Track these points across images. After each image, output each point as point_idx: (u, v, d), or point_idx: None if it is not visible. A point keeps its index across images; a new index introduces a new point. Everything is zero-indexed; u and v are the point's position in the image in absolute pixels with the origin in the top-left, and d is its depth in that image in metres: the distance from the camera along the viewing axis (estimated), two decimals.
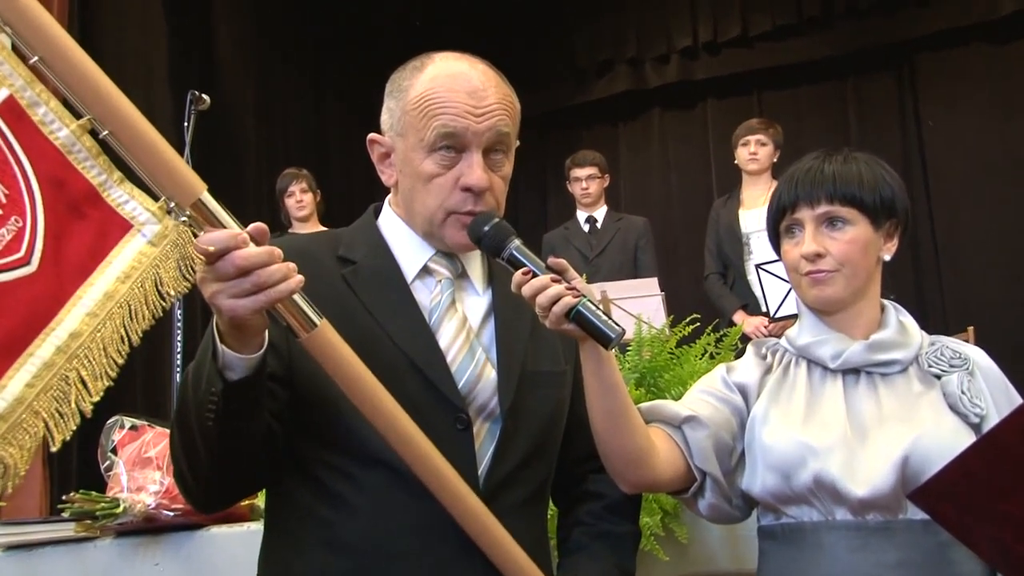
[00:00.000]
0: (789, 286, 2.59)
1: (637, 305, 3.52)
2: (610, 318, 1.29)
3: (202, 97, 4.00)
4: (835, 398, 1.50)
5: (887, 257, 1.56)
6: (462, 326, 1.41)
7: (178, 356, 3.82)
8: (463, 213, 1.38)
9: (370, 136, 1.47)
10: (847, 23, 6.77)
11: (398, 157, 1.43)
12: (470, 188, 1.37)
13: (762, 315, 4.19)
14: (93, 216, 1.20)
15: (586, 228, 5.15)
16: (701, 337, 2.28)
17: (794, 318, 1.67)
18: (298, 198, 4.99)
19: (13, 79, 1.18)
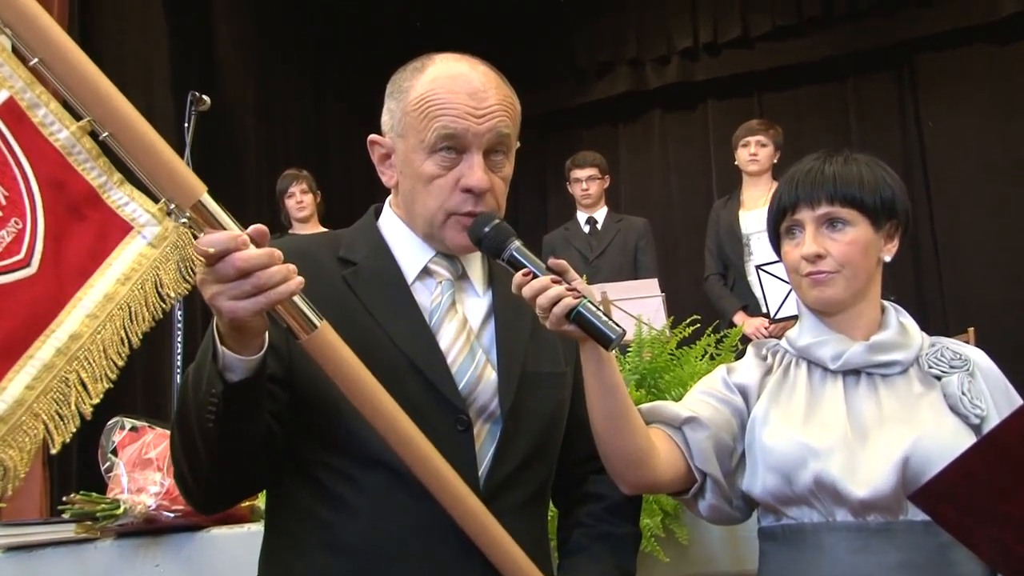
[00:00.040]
0: (789, 287, 2.59)
1: (637, 306, 3.52)
2: (610, 319, 1.29)
3: (202, 98, 3.99)
4: (835, 399, 1.50)
5: (887, 258, 1.56)
6: (462, 327, 1.41)
7: (178, 357, 3.82)
8: (463, 214, 1.38)
9: (371, 137, 1.47)
10: (847, 24, 6.76)
11: (399, 158, 1.43)
12: (471, 189, 1.37)
13: (762, 316, 4.19)
14: (93, 218, 1.21)
15: (586, 229, 5.15)
16: (701, 338, 2.28)
17: (794, 319, 1.67)
18: (298, 199, 4.99)
19: (13, 81, 1.18)
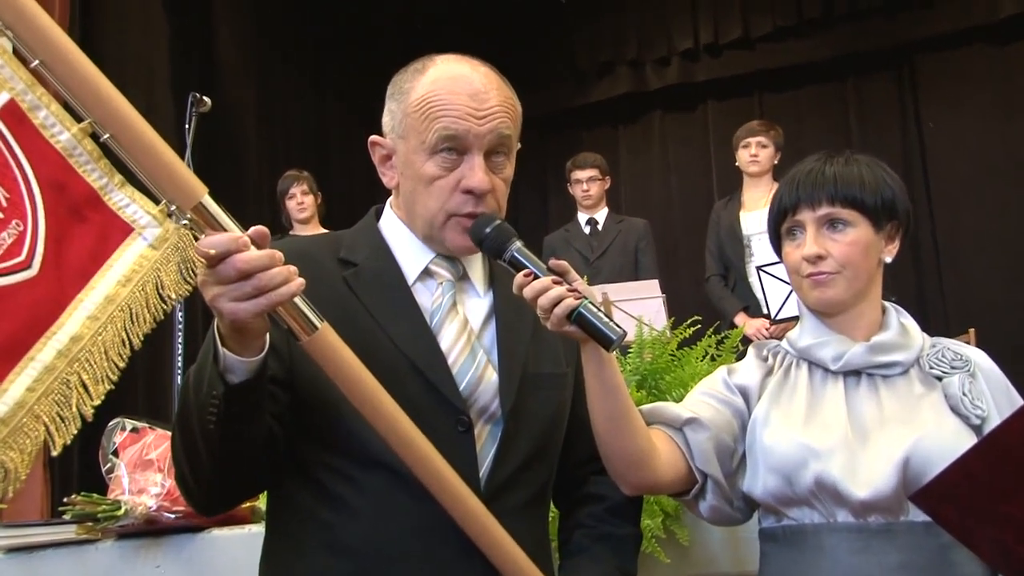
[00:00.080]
0: (790, 288, 2.59)
1: (638, 307, 3.52)
2: (611, 320, 1.29)
3: (203, 99, 3.98)
4: (836, 400, 1.50)
5: (888, 259, 1.56)
6: (463, 328, 1.41)
7: (179, 359, 3.81)
8: (464, 215, 1.38)
9: (371, 138, 1.47)
10: (848, 25, 6.77)
11: (399, 159, 1.43)
12: (471, 190, 1.37)
13: (763, 317, 4.19)
14: (94, 219, 1.21)
15: (587, 230, 5.15)
16: (702, 339, 2.28)
17: (795, 320, 1.67)
18: (299, 200, 4.99)
19: (14, 83, 1.18)
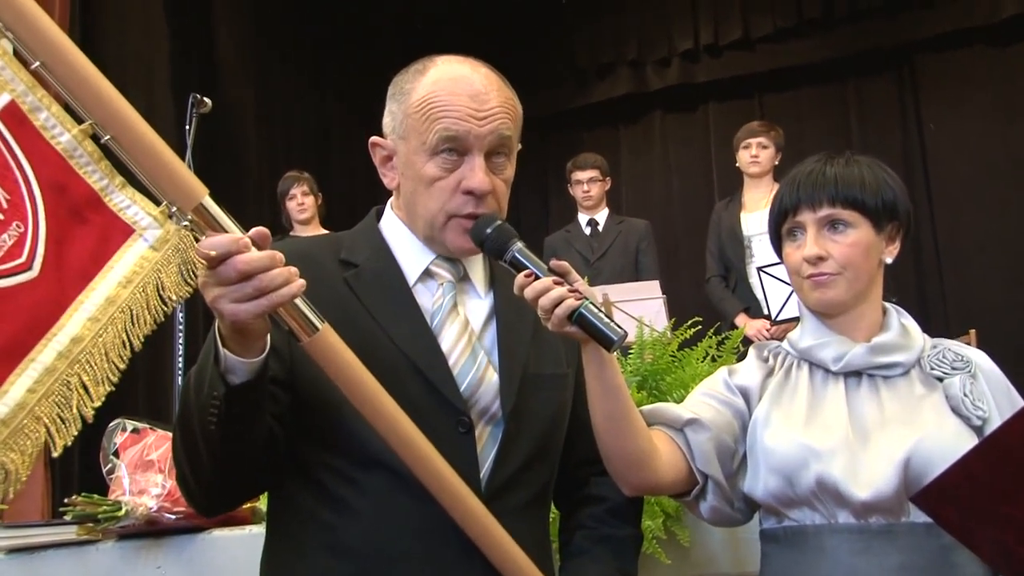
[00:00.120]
0: (791, 289, 2.59)
1: (639, 308, 3.52)
2: (612, 321, 1.29)
3: (203, 100, 3.98)
4: (837, 401, 1.50)
5: (889, 260, 1.56)
6: (464, 329, 1.41)
7: (180, 360, 3.81)
8: (464, 216, 1.38)
9: (372, 139, 1.47)
10: (848, 25, 6.76)
11: (400, 160, 1.43)
12: (472, 191, 1.37)
13: (764, 318, 4.19)
14: (95, 221, 1.21)
15: (587, 231, 5.15)
16: (703, 340, 2.27)
17: (796, 321, 1.66)
18: (299, 201, 4.99)
19: (15, 84, 1.18)
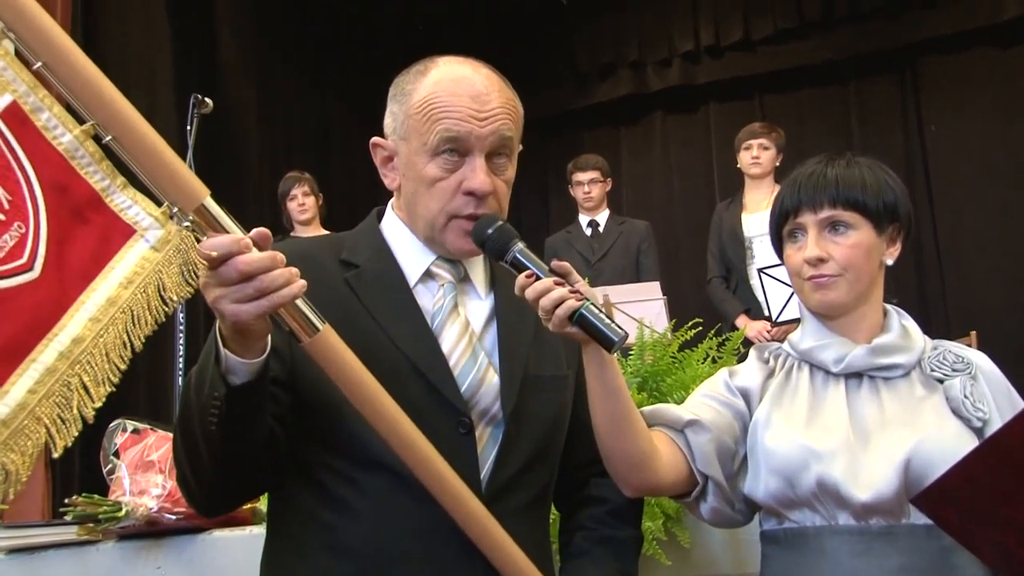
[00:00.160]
0: (791, 290, 2.59)
1: (639, 309, 3.52)
2: (613, 321, 1.29)
3: (205, 101, 3.98)
4: (837, 402, 1.49)
5: (890, 261, 1.56)
6: (464, 330, 1.41)
7: (181, 361, 3.81)
8: (465, 217, 1.38)
9: (373, 140, 1.47)
10: (849, 27, 6.76)
11: (401, 161, 1.43)
12: (473, 192, 1.37)
13: (764, 319, 4.19)
14: (96, 221, 1.21)
15: (588, 232, 5.15)
16: (703, 341, 2.27)
17: (796, 322, 1.66)
18: (300, 201, 4.99)
19: (16, 84, 1.18)
